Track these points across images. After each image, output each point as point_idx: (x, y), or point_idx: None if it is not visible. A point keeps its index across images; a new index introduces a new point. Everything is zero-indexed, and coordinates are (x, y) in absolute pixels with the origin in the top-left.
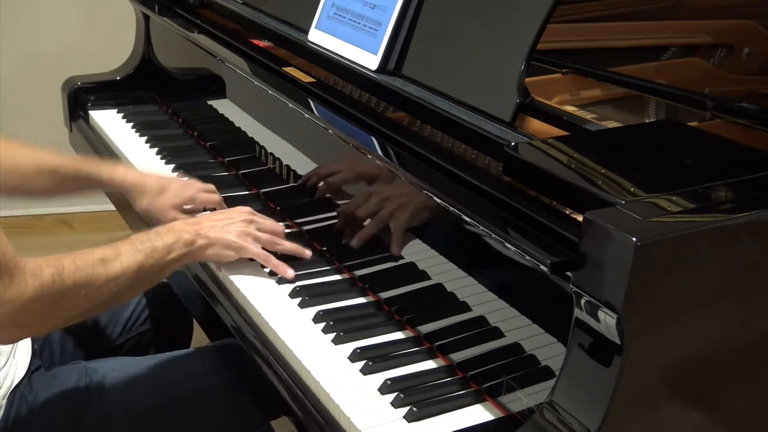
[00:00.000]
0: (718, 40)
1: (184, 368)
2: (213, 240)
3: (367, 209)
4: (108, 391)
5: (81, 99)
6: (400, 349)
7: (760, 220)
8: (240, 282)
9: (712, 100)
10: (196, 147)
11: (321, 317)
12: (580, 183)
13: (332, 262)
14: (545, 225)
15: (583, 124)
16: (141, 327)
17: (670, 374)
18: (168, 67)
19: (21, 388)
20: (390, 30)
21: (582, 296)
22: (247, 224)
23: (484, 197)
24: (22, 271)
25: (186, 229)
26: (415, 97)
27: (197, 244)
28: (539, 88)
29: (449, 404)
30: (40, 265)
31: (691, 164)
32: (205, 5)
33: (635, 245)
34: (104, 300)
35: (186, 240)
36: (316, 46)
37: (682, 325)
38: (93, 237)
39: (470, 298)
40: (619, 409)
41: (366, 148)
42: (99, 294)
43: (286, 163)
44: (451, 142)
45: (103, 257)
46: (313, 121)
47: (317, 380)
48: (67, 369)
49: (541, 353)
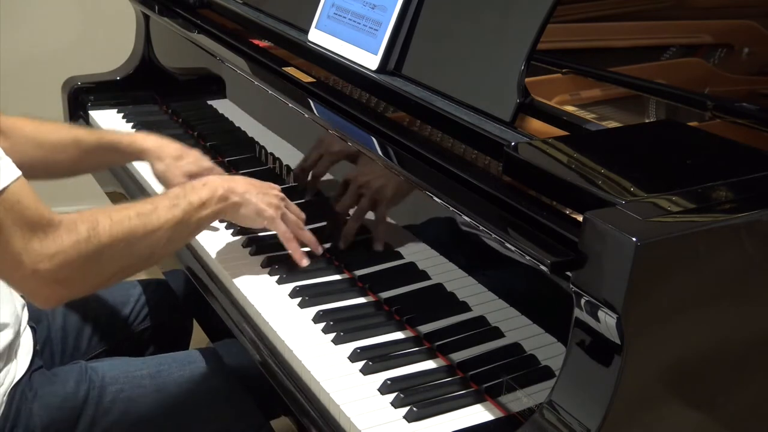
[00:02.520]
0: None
1: (184, 368)
2: (247, 201)
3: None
4: (108, 391)
5: (81, 99)
6: (400, 349)
7: (760, 220)
8: (240, 282)
9: (712, 100)
10: (196, 147)
11: (321, 317)
12: (580, 183)
13: (332, 261)
14: (545, 225)
15: (583, 124)
16: (141, 326)
17: (670, 374)
18: (168, 67)
19: (21, 386)
20: (390, 30)
21: (582, 296)
22: (280, 200)
23: (484, 197)
24: (57, 226)
25: (221, 185)
26: (415, 97)
27: (231, 200)
28: (539, 88)
29: (449, 404)
30: (75, 220)
31: (691, 164)
32: (205, 5)
33: (635, 245)
34: (143, 254)
35: (221, 195)
36: (316, 46)
37: (682, 325)
38: None
39: (470, 298)
40: (619, 409)
41: (366, 148)
42: (137, 248)
43: (286, 163)
44: (451, 142)
45: (139, 212)
46: (313, 121)
47: (317, 380)
48: (68, 369)
49: (541, 353)
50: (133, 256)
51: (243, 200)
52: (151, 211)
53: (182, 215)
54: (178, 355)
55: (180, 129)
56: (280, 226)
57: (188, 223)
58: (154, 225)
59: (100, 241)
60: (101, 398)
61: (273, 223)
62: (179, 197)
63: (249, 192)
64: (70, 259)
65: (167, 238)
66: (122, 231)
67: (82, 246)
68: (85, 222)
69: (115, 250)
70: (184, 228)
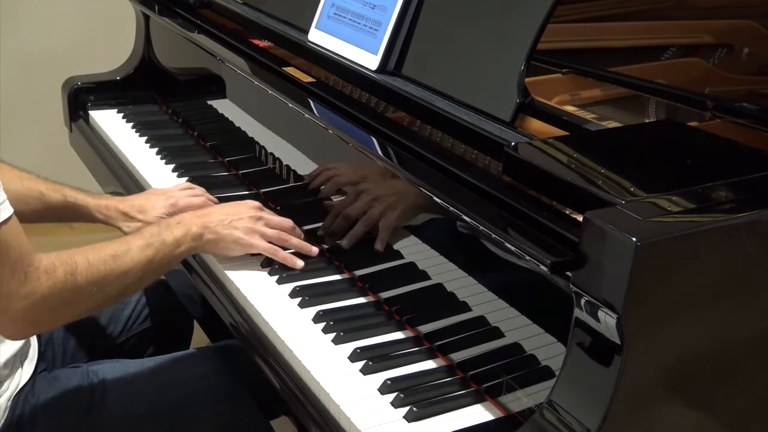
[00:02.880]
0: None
1: (185, 369)
2: (221, 236)
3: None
4: (109, 393)
5: (81, 99)
6: (400, 349)
7: (760, 220)
8: (240, 282)
9: (712, 100)
10: (196, 147)
11: (321, 317)
12: (580, 183)
13: (332, 261)
14: (545, 225)
15: (583, 124)
16: (141, 326)
17: (670, 374)
18: (168, 67)
19: (24, 390)
20: (390, 30)
21: (582, 296)
22: (255, 221)
23: (484, 197)
24: (36, 268)
25: (195, 222)
26: (415, 97)
27: (205, 238)
28: (539, 88)
29: (449, 404)
30: (54, 263)
31: (691, 164)
32: (205, 5)
33: (635, 245)
34: (114, 294)
35: (194, 234)
36: (316, 46)
37: (682, 324)
38: (94, 237)
39: (470, 298)
40: (619, 409)
41: (366, 148)
42: (110, 289)
43: (286, 163)
44: (451, 142)
45: (114, 253)
46: (313, 121)
47: (317, 380)
48: (69, 371)
49: (541, 353)
50: (104, 298)
51: (218, 236)
52: (125, 252)
53: (155, 255)
54: (178, 355)
55: (180, 129)
56: (261, 245)
57: (161, 263)
58: (128, 266)
59: (75, 284)
60: (102, 400)
61: (251, 247)
62: (154, 236)
63: (222, 224)
64: (44, 301)
65: (139, 278)
66: (97, 274)
67: (58, 289)
68: (64, 265)
69: (89, 293)
70: (157, 267)
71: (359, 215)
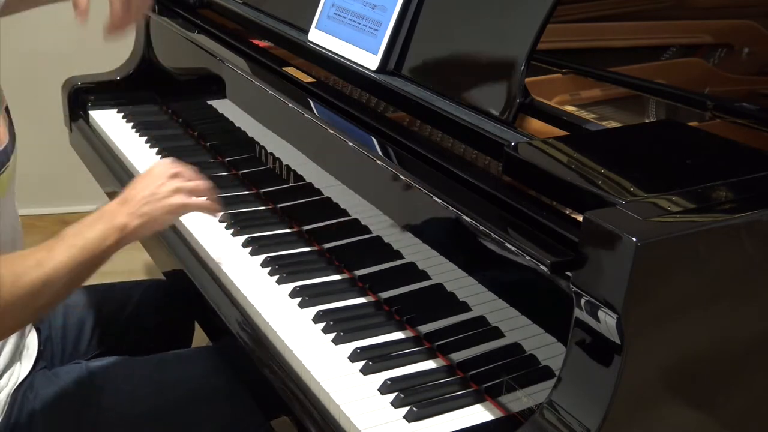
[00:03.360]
0: (718, 40)
1: (185, 368)
2: (150, 215)
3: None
4: (109, 391)
5: (81, 99)
6: (400, 349)
7: (760, 220)
8: (240, 282)
9: (712, 100)
10: (196, 147)
11: (321, 317)
12: (580, 183)
13: (332, 261)
14: (545, 225)
15: (583, 124)
16: (141, 326)
17: (671, 374)
18: (168, 67)
19: (23, 387)
20: (390, 30)
21: (582, 296)
22: (175, 179)
23: (484, 197)
24: None
25: (118, 211)
26: (415, 97)
27: (132, 226)
28: (539, 88)
29: (449, 404)
30: None
31: (691, 164)
32: (205, 5)
33: (635, 245)
34: (46, 302)
35: (119, 224)
36: (316, 46)
37: (683, 325)
38: None
39: (470, 298)
40: (619, 409)
41: (366, 148)
42: (40, 298)
43: (286, 163)
44: (451, 142)
45: (38, 260)
46: (313, 121)
47: (317, 380)
48: (68, 369)
49: (541, 353)
50: (36, 306)
51: (148, 217)
52: (48, 258)
53: (80, 254)
54: (178, 354)
55: (180, 129)
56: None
57: (89, 261)
58: (53, 271)
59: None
60: (101, 398)
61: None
62: (75, 236)
63: (148, 203)
64: None
65: (69, 279)
66: (23, 286)
67: None
68: None
69: (17, 306)
70: (86, 265)
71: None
